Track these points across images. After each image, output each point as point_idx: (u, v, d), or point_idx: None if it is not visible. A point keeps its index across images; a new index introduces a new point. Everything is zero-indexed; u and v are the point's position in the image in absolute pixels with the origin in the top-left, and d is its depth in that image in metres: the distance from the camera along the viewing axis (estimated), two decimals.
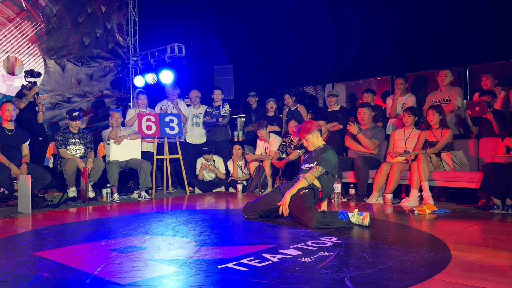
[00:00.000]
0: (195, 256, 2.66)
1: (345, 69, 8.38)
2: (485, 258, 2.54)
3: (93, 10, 8.08)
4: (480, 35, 6.44)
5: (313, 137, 4.13)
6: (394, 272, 2.24)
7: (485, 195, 4.77)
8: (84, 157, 5.79)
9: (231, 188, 6.70)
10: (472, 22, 6.48)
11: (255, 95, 7.50)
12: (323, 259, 2.50)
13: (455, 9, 6.66)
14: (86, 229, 3.85)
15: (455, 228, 3.50)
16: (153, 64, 8.04)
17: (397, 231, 3.47)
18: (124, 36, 8.61)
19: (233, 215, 4.53)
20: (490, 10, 6.37)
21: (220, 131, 7.17)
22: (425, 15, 7.08)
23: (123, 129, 6.35)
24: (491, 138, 4.99)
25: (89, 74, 8.05)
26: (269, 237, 3.22)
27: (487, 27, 6.38)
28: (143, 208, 5.13)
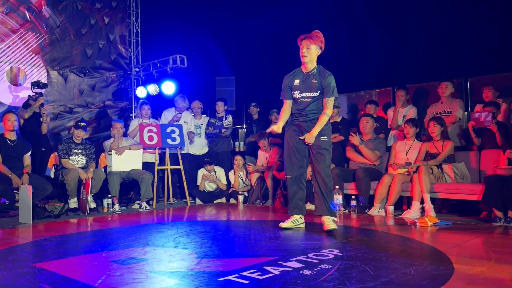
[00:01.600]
0: (196, 268, 2.65)
1: (346, 80, 8.39)
2: (487, 271, 2.53)
3: (96, 21, 8.15)
4: (481, 47, 6.46)
5: (316, 50, 4.00)
6: (396, 286, 2.23)
7: (487, 207, 4.75)
8: (85, 167, 5.80)
9: (232, 199, 6.69)
10: (473, 35, 6.51)
11: (257, 105, 7.53)
12: (325, 272, 2.49)
13: (456, 21, 6.70)
14: (87, 240, 3.84)
15: (457, 240, 3.48)
16: (155, 75, 8.08)
17: (399, 243, 3.46)
18: (127, 47, 8.67)
19: (234, 226, 4.51)
20: (490, 22, 6.40)
21: (223, 142, 7.18)
22: (426, 28, 7.12)
23: (125, 140, 6.37)
24: (492, 150, 4.99)
25: (92, 84, 8.09)
26: (271, 249, 3.21)
27: (488, 40, 6.41)
28: (144, 219, 5.12)
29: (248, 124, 7.70)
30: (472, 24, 6.53)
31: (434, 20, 7.00)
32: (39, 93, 6.02)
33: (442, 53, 6.89)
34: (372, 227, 4.25)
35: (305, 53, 3.99)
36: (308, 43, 3.98)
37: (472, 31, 6.52)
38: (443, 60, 6.88)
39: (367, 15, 7.96)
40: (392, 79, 7.42)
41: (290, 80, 4.11)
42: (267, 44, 9.34)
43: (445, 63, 6.84)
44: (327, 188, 3.98)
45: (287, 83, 4.12)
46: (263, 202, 6.24)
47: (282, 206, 5.92)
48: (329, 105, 3.95)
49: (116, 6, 8.45)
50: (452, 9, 6.82)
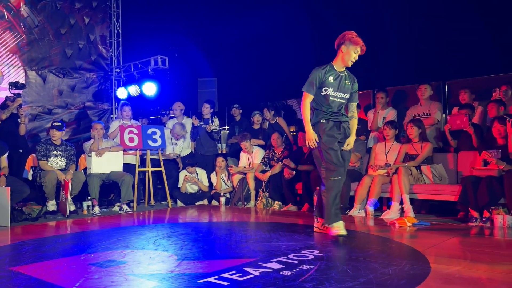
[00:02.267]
0: (176, 271, 2.64)
1: None
2: (464, 270, 2.58)
3: (76, 21, 8.05)
4: (458, 51, 6.60)
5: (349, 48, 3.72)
6: (374, 285, 2.26)
7: (464, 207, 4.84)
8: (65, 169, 5.71)
9: (214, 200, 6.67)
10: (451, 38, 6.65)
11: (239, 107, 7.53)
12: (304, 273, 2.51)
13: (434, 26, 6.83)
14: (65, 243, 3.79)
15: (435, 240, 3.54)
16: (136, 76, 8.02)
17: (378, 244, 3.50)
18: (107, 48, 8.58)
19: (216, 228, 4.51)
20: (468, 28, 6.55)
21: (209, 145, 7.18)
22: (405, 32, 7.23)
23: (105, 141, 6.30)
24: (469, 151, 5.09)
25: (71, 85, 7.98)
26: (251, 250, 3.21)
27: (465, 44, 6.56)
28: (124, 222, 5.07)
29: (231, 125, 7.70)
30: (450, 28, 6.68)
31: (413, 24, 7.12)
32: (17, 94, 5.90)
33: (421, 56, 7.02)
34: (352, 227, 4.29)
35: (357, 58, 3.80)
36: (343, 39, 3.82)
37: (450, 35, 6.66)
38: (422, 63, 7.00)
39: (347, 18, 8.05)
40: (372, 81, 7.51)
41: (323, 75, 3.76)
42: (249, 45, 9.36)
43: (424, 66, 6.96)
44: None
45: (319, 77, 3.75)
46: (245, 204, 6.24)
47: (264, 207, 5.93)
48: (355, 110, 3.96)
49: (97, 6, 8.36)
50: (431, 13, 6.95)
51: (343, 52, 3.76)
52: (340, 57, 3.80)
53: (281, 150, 6.25)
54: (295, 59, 8.75)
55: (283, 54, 8.98)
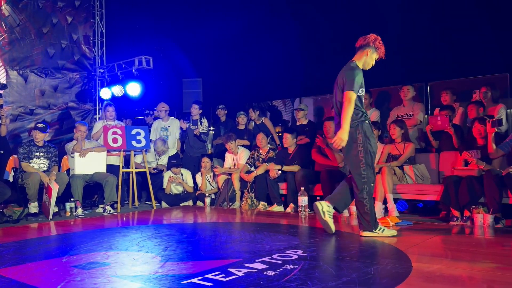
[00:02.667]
0: (160, 272, 2.63)
1: (313, 83, 8.54)
2: (445, 268, 2.62)
3: (58, 20, 7.95)
4: (440, 53, 6.71)
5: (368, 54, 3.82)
6: (357, 285, 2.28)
7: (445, 207, 4.92)
8: (47, 171, 5.63)
9: (199, 201, 6.65)
10: (433, 41, 6.76)
11: (224, 108, 7.52)
12: (288, 272, 2.52)
13: (416, 28, 6.93)
14: (47, 245, 3.74)
15: (417, 240, 3.59)
16: (120, 77, 7.96)
17: (362, 243, 3.53)
18: (91, 48, 8.49)
19: (200, 229, 4.49)
20: (449, 30, 6.67)
21: (198, 146, 7.16)
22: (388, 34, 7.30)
23: (88, 142, 6.23)
24: (450, 152, 5.18)
25: (54, 85, 7.88)
26: (236, 251, 3.22)
27: (447, 46, 6.67)
28: (108, 223, 5.02)
29: (216, 126, 7.68)
30: (432, 31, 6.78)
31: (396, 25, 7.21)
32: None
33: (404, 57, 7.11)
34: (336, 227, 4.32)
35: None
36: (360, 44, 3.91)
37: (432, 37, 6.77)
38: (405, 65, 7.09)
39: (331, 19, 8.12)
40: None
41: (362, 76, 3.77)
42: (234, 46, 9.37)
43: (407, 67, 7.05)
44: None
45: (362, 78, 3.76)
46: (230, 205, 6.23)
47: (249, 208, 5.94)
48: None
49: (80, 5, 8.28)
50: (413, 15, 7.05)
51: (367, 56, 3.78)
52: (364, 60, 3.81)
53: (266, 150, 6.27)
54: (280, 61, 8.79)
55: (268, 55, 9.01)
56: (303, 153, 5.95)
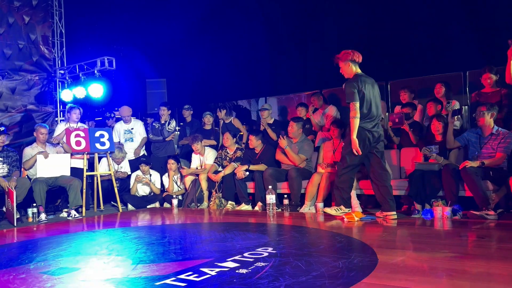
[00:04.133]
0: (132, 274, 2.63)
1: (277, 83, 8.66)
2: (407, 260, 2.76)
3: (14, 20, 7.69)
4: (399, 52, 6.97)
5: (345, 65, 4.48)
6: (326, 278, 2.37)
7: (407, 201, 5.13)
8: (8, 176, 5.45)
9: (166, 203, 6.61)
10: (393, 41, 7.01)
11: (190, 108, 7.50)
12: (260, 270, 2.58)
13: (375, 29, 7.16)
14: (11, 252, 3.64)
15: (381, 233, 3.74)
16: (82, 78, 7.78)
17: (329, 238, 3.65)
18: (50, 48, 8.26)
19: (169, 230, 4.49)
20: (407, 30, 6.94)
21: (167, 148, 7.12)
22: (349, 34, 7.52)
23: (49, 147, 6.06)
24: (410, 148, 5.39)
25: (11, 87, 7.62)
26: (207, 251, 3.25)
27: (406, 45, 6.94)
28: (73, 228, 4.93)
29: (181, 126, 7.65)
30: (391, 31, 7.03)
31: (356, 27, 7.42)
32: None
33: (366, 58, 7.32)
34: (303, 224, 4.43)
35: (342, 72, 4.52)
36: (337, 63, 4.52)
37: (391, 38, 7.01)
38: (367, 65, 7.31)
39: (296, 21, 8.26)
40: (320, 82, 7.74)
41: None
42: (199, 46, 9.34)
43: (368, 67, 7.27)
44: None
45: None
46: (198, 205, 6.24)
47: (217, 208, 5.97)
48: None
49: (37, 5, 8.03)
50: (370, 15, 7.28)
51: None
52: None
53: (234, 150, 6.31)
54: (245, 61, 8.85)
55: (233, 54, 9.05)
56: (270, 152, 6.03)
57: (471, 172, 4.32)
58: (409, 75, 6.80)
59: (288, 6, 8.30)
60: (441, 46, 6.60)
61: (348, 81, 4.43)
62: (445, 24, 6.59)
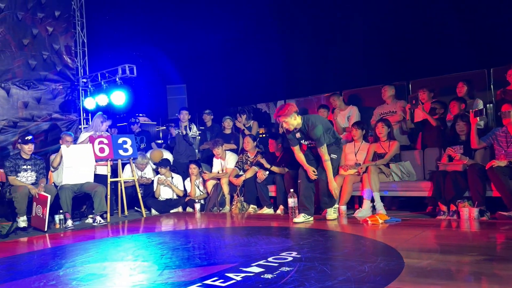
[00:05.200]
0: (159, 280, 2.66)
1: (296, 85, 8.66)
2: (435, 263, 2.72)
3: (38, 32, 7.87)
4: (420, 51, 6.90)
5: (291, 119, 4.63)
6: (352, 283, 2.36)
7: (431, 202, 5.05)
8: (35, 183, 5.59)
9: (188, 207, 6.67)
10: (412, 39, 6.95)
11: (210, 113, 7.56)
12: (285, 275, 2.58)
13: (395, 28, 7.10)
14: (41, 259, 3.72)
15: (406, 236, 3.69)
16: (104, 86, 7.91)
17: (353, 242, 3.62)
18: (73, 58, 8.43)
19: (193, 235, 4.52)
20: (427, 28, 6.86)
21: (187, 152, 7.20)
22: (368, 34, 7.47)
23: None
24: (434, 148, 5.31)
25: (37, 97, 7.80)
26: (231, 255, 3.26)
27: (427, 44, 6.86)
28: (99, 234, 5.01)
29: (202, 131, 7.71)
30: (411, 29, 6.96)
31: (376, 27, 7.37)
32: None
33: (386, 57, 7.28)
34: (326, 227, 4.41)
35: (285, 126, 4.67)
36: (282, 119, 4.63)
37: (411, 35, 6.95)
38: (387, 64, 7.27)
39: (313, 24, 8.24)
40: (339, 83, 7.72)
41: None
42: (218, 51, 9.42)
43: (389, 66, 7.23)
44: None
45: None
46: (220, 209, 6.27)
47: (239, 211, 5.98)
48: (325, 153, 4.66)
49: (60, 15, 8.20)
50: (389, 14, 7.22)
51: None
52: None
53: (254, 153, 6.32)
54: (263, 64, 8.88)
55: (251, 58, 9.09)
56: (290, 155, 6.01)
57: (499, 172, 4.23)
58: (430, 74, 6.71)
59: (306, 7, 8.29)
60: (463, 43, 6.49)
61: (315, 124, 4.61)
62: (467, 21, 6.48)
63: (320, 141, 4.60)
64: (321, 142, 4.61)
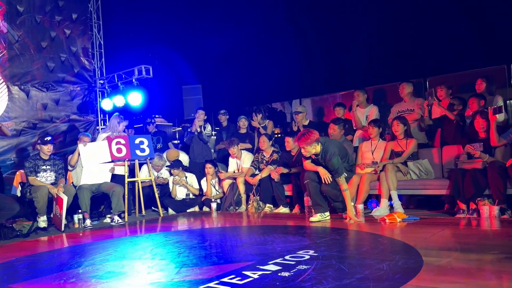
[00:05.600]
0: (176, 278, 2.68)
1: (310, 84, 8.62)
2: (454, 261, 2.67)
3: (56, 34, 8.00)
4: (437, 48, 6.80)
5: (311, 148, 4.66)
6: (370, 281, 2.33)
7: (449, 200, 4.97)
8: (55, 183, 5.68)
9: (205, 207, 6.70)
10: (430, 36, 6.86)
11: (226, 113, 7.58)
12: (302, 273, 2.57)
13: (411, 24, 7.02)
14: (61, 257, 3.79)
15: (425, 234, 3.64)
16: (121, 87, 8.00)
17: (371, 240, 3.59)
18: (90, 60, 8.54)
19: (210, 234, 4.54)
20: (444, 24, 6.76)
21: (202, 152, 7.24)
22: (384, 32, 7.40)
23: None
24: (453, 145, 5.23)
25: (55, 99, 7.93)
26: (248, 254, 3.27)
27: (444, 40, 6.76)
28: (117, 233, 5.07)
29: (218, 131, 7.74)
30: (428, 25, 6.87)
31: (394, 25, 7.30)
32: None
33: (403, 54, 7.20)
34: (344, 226, 4.38)
35: (303, 152, 4.75)
36: (303, 146, 4.67)
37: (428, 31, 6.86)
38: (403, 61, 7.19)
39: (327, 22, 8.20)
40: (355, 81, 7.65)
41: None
42: (233, 51, 9.44)
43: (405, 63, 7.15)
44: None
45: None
46: (237, 208, 6.28)
47: (255, 211, 5.99)
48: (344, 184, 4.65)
49: (77, 18, 8.33)
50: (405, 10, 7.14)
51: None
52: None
53: (270, 153, 6.32)
54: (278, 64, 8.87)
55: (265, 58, 9.09)
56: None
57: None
58: (448, 70, 6.62)
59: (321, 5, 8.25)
60: (482, 39, 6.38)
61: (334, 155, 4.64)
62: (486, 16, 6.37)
63: (338, 172, 4.63)
64: (339, 173, 4.63)
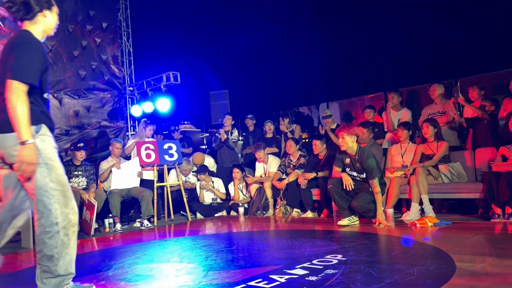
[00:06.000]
0: (204, 281, 2.68)
1: (338, 88, 8.55)
2: (489, 267, 2.58)
3: (87, 43, 8.22)
4: (469, 47, 6.63)
5: (350, 139, 4.63)
6: (400, 286, 2.28)
7: (483, 204, 4.82)
8: (86, 189, 5.82)
9: (232, 211, 6.72)
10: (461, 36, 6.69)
11: (253, 118, 7.60)
12: (330, 277, 2.53)
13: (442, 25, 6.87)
14: (91, 260, 3.86)
15: (458, 239, 3.53)
16: (150, 93, 8.13)
17: (400, 245, 3.50)
18: (120, 67, 8.73)
19: (237, 238, 4.54)
20: (476, 23, 6.58)
21: (230, 157, 7.29)
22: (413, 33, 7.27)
23: (122, 160, 6.43)
24: (486, 148, 5.07)
25: (86, 106, 8.14)
26: (275, 258, 3.25)
27: (476, 39, 6.59)
28: (146, 237, 5.14)
29: (244, 136, 7.77)
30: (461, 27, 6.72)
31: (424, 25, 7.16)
32: None
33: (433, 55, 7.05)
34: (373, 230, 4.30)
35: (341, 142, 4.71)
36: (342, 135, 4.65)
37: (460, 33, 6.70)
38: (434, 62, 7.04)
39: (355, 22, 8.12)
40: (383, 84, 7.55)
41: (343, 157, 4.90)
42: (260, 56, 9.47)
43: (437, 64, 7.00)
44: None
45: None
46: (264, 213, 6.27)
47: (282, 215, 5.96)
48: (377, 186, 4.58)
49: (107, 27, 8.53)
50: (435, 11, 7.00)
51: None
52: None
53: (297, 157, 6.29)
54: (304, 67, 8.84)
55: (292, 62, 9.08)
56: (334, 158, 5.93)
57: None
58: (480, 71, 6.43)
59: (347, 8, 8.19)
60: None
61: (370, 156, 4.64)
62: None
63: (373, 173, 4.57)
64: (373, 175, 4.57)
